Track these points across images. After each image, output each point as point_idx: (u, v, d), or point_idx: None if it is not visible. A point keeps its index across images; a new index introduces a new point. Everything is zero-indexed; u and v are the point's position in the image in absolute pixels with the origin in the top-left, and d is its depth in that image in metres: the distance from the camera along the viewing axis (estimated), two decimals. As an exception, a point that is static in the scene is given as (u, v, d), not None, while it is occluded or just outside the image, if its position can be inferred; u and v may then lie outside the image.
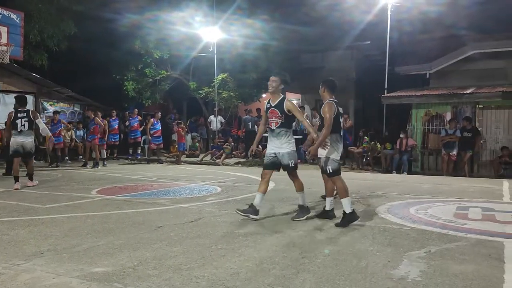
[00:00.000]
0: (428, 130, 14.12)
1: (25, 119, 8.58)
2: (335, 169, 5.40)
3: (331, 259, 3.84)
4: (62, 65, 17.79)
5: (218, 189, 8.47)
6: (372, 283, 3.23)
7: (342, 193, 5.34)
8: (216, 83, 17.53)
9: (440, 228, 5.02)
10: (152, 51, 17.43)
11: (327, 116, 5.44)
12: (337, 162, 5.47)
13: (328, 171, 5.43)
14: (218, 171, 12.69)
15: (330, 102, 5.59)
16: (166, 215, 5.82)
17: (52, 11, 15.68)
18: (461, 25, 15.47)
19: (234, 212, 6.05)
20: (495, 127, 13.32)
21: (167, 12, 16.70)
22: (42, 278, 3.36)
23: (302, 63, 20.21)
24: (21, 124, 8.54)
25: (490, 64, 14.46)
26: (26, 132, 8.62)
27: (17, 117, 8.59)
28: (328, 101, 5.64)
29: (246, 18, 16.96)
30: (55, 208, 6.36)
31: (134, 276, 3.38)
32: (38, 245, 4.31)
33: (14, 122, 8.57)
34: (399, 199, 7.19)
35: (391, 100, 14.64)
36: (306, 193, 7.41)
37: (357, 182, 9.94)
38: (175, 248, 4.18)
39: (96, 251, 4.09)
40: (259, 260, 3.78)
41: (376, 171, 13.76)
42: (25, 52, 14.75)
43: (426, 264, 3.67)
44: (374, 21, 16.42)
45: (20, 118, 8.56)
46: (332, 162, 5.41)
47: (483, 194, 8.07)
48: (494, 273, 3.48)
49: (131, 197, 7.48)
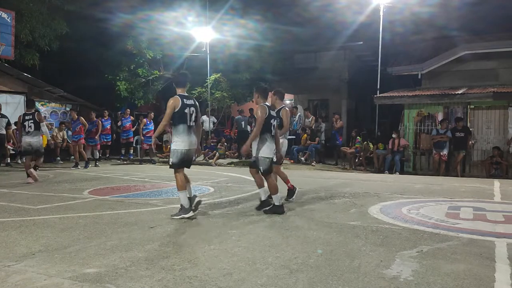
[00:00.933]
0: (420, 131, 14.20)
1: (31, 121, 9.46)
2: (266, 168, 5.94)
3: (324, 259, 3.85)
4: (53, 65, 17.70)
5: (211, 189, 8.45)
6: (365, 283, 3.25)
7: (273, 190, 5.95)
8: (209, 83, 17.51)
9: (432, 228, 5.05)
10: (144, 51, 17.37)
11: (259, 117, 5.97)
12: (267, 161, 5.95)
13: (260, 170, 5.96)
14: (211, 171, 12.68)
15: (263, 105, 6.07)
16: (159, 216, 5.80)
17: (44, 11, 15.58)
18: (453, 26, 15.60)
19: (227, 212, 6.05)
20: (486, 128, 13.43)
21: (159, 12, 16.65)
22: (34, 279, 3.34)
23: (295, 64, 20.25)
24: (28, 126, 9.45)
25: (481, 65, 14.60)
26: (33, 132, 9.47)
27: (24, 119, 9.56)
28: (261, 104, 6.12)
29: (239, 18, 16.97)
30: (46, 209, 6.32)
31: (126, 277, 3.37)
32: (30, 246, 4.28)
33: (23, 124, 9.54)
34: (391, 199, 7.22)
35: (383, 101, 14.72)
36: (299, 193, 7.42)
37: (350, 182, 9.98)
38: (168, 249, 4.17)
39: (88, 252, 4.06)
40: (252, 261, 3.78)
41: (369, 171, 13.82)
42: (16, 51, 14.65)
43: (418, 264, 3.69)
44: (366, 22, 16.49)
45: (27, 120, 9.48)
46: (263, 161, 5.92)
47: (474, 194, 8.13)
48: (485, 272, 3.50)
49: (123, 197, 7.44)
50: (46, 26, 15.70)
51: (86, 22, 16.57)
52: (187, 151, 5.66)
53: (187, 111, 5.59)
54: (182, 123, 5.58)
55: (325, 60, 19.67)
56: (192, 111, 5.65)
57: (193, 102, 5.75)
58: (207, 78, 17.52)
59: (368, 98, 15.99)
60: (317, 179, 10.77)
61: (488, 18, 15.30)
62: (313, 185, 9.26)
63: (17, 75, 16.08)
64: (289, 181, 7.10)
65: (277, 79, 19.09)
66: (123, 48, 17.11)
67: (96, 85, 17.63)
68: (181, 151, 5.60)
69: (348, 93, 19.97)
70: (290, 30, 17.54)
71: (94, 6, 16.22)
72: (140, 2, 16.79)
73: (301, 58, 20.36)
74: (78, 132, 13.64)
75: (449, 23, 15.88)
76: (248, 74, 17.49)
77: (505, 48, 13.97)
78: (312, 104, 20.93)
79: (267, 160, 5.93)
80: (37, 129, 9.52)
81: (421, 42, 17.14)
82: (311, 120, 16.24)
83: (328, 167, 14.71)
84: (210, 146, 16.56)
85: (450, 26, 15.75)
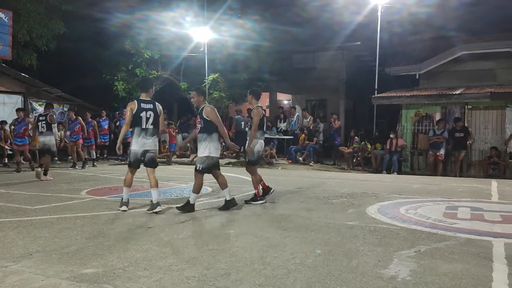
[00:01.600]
0: (417, 131, 14.22)
1: (44, 122, 10.39)
2: (203, 168, 6.13)
3: (322, 259, 3.85)
4: (51, 65, 17.64)
5: (209, 189, 8.45)
6: (363, 283, 3.25)
7: (197, 189, 6.15)
8: (207, 83, 17.47)
9: (429, 228, 5.06)
10: (142, 51, 17.32)
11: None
12: (213, 160, 6.19)
13: (197, 168, 6.14)
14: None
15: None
16: (157, 216, 5.79)
17: (41, 11, 15.53)
18: (451, 26, 15.63)
19: (225, 213, 6.05)
20: (484, 128, 13.46)
21: (157, 12, 16.61)
22: (31, 280, 3.33)
23: (293, 64, 20.24)
24: (41, 126, 10.39)
25: (479, 65, 14.63)
26: (45, 132, 10.37)
27: (39, 119, 10.52)
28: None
29: (237, 19, 16.95)
30: (44, 209, 6.30)
31: (124, 277, 3.36)
32: (27, 246, 4.27)
33: (37, 124, 10.50)
34: (389, 199, 7.23)
35: (381, 101, 14.73)
36: (297, 193, 7.43)
37: (348, 182, 9.99)
38: (166, 249, 4.16)
39: (86, 252, 4.05)
40: (250, 261, 3.78)
41: (367, 171, 13.84)
42: (14, 51, 14.61)
43: (416, 263, 3.70)
44: (364, 22, 16.52)
45: (41, 121, 10.44)
46: (208, 159, 6.13)
47: (472, 194, 8.15)
48: (483, 272, 3.51)
49: (121, 197, 7.42)
50: (44, 26, 15.65)
51: (83, 22, 16.53)
52: (137, 152, 6.16)
53: (143, 115, 6.06)
54: (136, 126, 6.08)
55: (323, 60, 19.68)
56: (149, 114, 6.10)
57: (151, 106, 6.17)
58: (205, 78, 17.49)
59: (366, 98, 16.01)
60: (315, 179, 10.77)
61: (486, 19, 15.34)
62: (311, 185, 9.27)
63: (14, 75, 16.03)
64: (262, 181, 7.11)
65: (275, 79, 19.09)
66: (121, 48, 17.06)
67: (94, 85, 17.58)
68: (133, 151, 6.19)
69: (346, 93, 19.98)
70: (288, 30, 17.53)
71: (92, 6, 16.17)
72: (138, 2, 16.74)
73: (299, 58, 20.36)
74: (77, 132, 13.64)
75: (447, 24, 15.91)
76: (246, 74, 17.47)
77: (503, 49, 14.01)
78: (310, 104, 20.94)
79: (211, 161, 6.18)
80: (49, 129, 10.41)
81: (419, 42, 17.17)
82: (309, 120, 16.24)
83: (326, 167, 14.72)
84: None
85: (447, 26, 15.79)
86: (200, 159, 6.17)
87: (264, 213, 6.07)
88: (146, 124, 6.05)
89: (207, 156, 6.14)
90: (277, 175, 11.63)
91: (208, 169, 6.20)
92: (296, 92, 21.49)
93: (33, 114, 16.60)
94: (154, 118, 6.12)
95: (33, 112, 16.67)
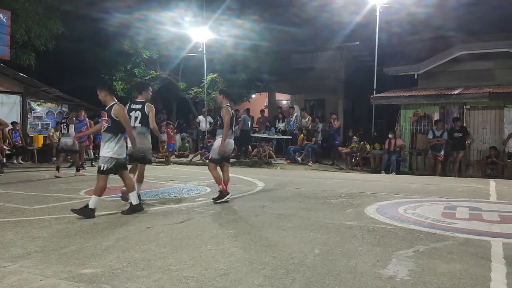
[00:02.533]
0: (416, 131, 14.24)
1: (65, 124, 11.33)
2: (108, 168, 5.81)
3: (321, 259, 3.85)
4: (49, 65, 17.60)
5: (207, 189, 8.45)
6: (362, 283, 3.25)
7: (98, 192, 5.77)
8: (205, 83, 17.48)
9: (428, 228, 5.06)
10: (141, 51, 17.32)
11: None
12: (118, 161, 5.84)
13: (102, 168, 5.81)
14: (208, 171, 12.62)
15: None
16: (155, 216, 5.79)
17: (39, 10, 15.49)
18: (449, 26, 15.64)
19: (224, 213, 6.05)
20: (482, 128, 13.48)
21: (156, 11, 16.61)
22: (30, 280, 3.32)
23: (292, 64, 20.25)
24: (63, 128, 11.36)
25: (477, 65, 14.65)
26: (66, 134, 11.19)
27: (62, 122, 11.62)
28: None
29: (236, 19, 16.94)
30: (42, 209, 6.29)
31: (123, 277, 3.36)
32: (25, 246, 4.26)
33: (60, 126, 11.68)
34: (388, 199, 7.23)
35: (380, 101, 14.74)
36: (296, 193, 7.42)
37: (347, 182, 10.00)
38: (164, 249, 4.16)
39: (85, 252, 4.05)
40: (249, 261, 3.78)
41: (365, 171, 13.85)
42: (12, 51, 14.57)
43: (415, 263, 3.70)
44: (363, 22, 16.52)
45: (63, 123, 11.41)
46: (113, 160, 5.80)
47: (470, 193, 8.16)
48: (481, 271, 3.51)
49: (120, 197, 7.41)
50: (42, 26, 15.61)
51: (82, 22, 16.50)
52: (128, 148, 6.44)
53: (132, 114, 6.53)
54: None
55: (322, 60, 19.69)
56: (137, 114, 6.54)
57: (140, 107, 6.61)
58: (203, 78, 17.50)
59: (365, 98, 16.01)
60: (313, 179, 10.78)
61: (484, 19, 15.35)
62: (309, 185, 9.27)
63: (13, 75, 16.01)
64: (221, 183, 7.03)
65: (274, 79, 19.10)
66: (120, 48, 17.05)
67: (93, 85, 17.44)
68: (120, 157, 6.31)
69: (344, 93, 20.00)
70: (287, 30, 17.53)
71: (91, 6, 16.15)
72: (137, 2, 16.73)
73: (298, 58, 20.37)
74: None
75: (446, 24, 15.92)
76: (245, 74, 17.48)
77: (501, 49, 14.03)
78: (309, 104, 20.94)
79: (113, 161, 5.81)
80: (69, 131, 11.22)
81: (417, 42, 17.18)
82: (307, 120, 16.25)
83: (325, 167, 14.73)
84: (206, 146, 16.53)
85: (446, 26, 15.80)
86: (104, 159, 5.80)
87: (262, 213, 6.07)
88: (135, 123, 6.51)
89: (111, 157, 5.77)
90: (276, 175, 11.65)
91: (115, 170, 5.87)
92: (295, 92, 21.50)
93: (32, 114, 16.62)
94: (142, 117, 6.56)
95: (31, 112, 16.66)
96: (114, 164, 5.81)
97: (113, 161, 5.80)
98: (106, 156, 5.80)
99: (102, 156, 5.86)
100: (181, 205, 6.67)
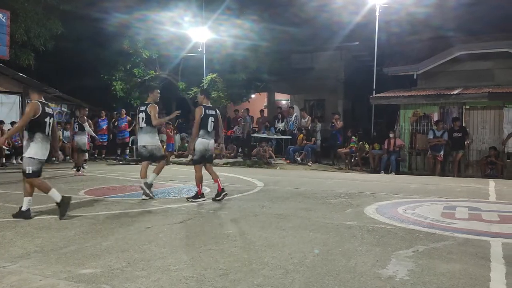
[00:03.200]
0: (415, 131, 14.24)
1: (76, 123, 11.95)
2: (35, 170, 5.54)
3: (320, 259, 3.85)
4: (49, 65, 17.60)
5: (207, 189, 8.44)
6: (361, 283, 3.25)
7: (30, 192, 5.63)
8: (205, 83, 17.48)
9: (427, 228, 5.06)
10: (140, 51, 17.32)
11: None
12: (39, 163, 5.59)
13: (27, 171, 5.52)
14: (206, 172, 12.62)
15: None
16: (155, 216, 5.79)
17: (39, 10, 15.51)
18: (449, 26, 15.65)
19: (223, 213, 6.05)
20: (482, 128, 13.48)
21: (156, 11, 16.61)
22: (29, 280, 3.32)
23: (292, 64, 20.26)
24: (75, 127, 12.09)
25: (477, 65, 14.66)
26: (78, 132, 11.77)
27: (74, 121, 12.38)
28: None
29: (235, 19, 16.95)
30: (42, 209, 6.29)
31: (122, 278, 3.36)
32: (25, 246, 4.26)
33: (73, 126, 12.41)
34: (387, 199, 7.23)
35: (379, 101, 14.74)
36: (296, 193, 7.42)
37: (346, 182, 10.00)
38: (164, 249, 4.16)
39: (84, 252, 4.05)
40: (248, 261, 3.78)
41: (365, 171, 13.84)
42: (12, 51, 14.59)
43: (414, 263, 3.70)
44: (362, 22, 16.53)
45: (75, 123, 12.08)
46: (33, 162, 5.52)
47: (469, 193, 8.16)
48: (481, 271, 3.52)
49: (119, 198, 7.43)
50: (42, 26, 15.63)
51: (82, 22, 16.50)
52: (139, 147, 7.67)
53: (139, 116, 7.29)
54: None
55: (322, 60, 19.70)
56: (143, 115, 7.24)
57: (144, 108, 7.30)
58: (203, 78, 17.49)
59: (364, 98, 16.01)
60: (313, 179, 10.78)
61: (484, 19, 15.36)
62: (309, 185, 9.27)
63: (12, 75, 15.99)
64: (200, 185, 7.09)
65: (274, 79, 19.10)
66: (119, 48, 17.05)
67: (92, 85, 17.56)
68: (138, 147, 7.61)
69: (344, 93, 20.00)
70: (287, 30, 17.54)
71: (90, 6, 16.15)
72: (136, 2, 16.74)
73: (298, 58, 20.38)
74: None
75: (445, 24, 15.93)
76: (244, 74, 17.48)
77: (501, 49, 14.04)
78: (309, 104, 20.94)
79: (39, 163, 5.59)
80: (81, 129, 11.65)
81: (417, 42, 17.19)
82: (307, 120, 16.25)
83: (325, 167, 14.73)
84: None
85: (446, 26, 15.81)
86: (28, 161, 5.51)
87: (262, 213, 6.07)
88: (141, 123, 7.24)
89: (33, 158, 5.51)
90: (275, 175, 11.64)
91: (39, 172, 5.61)
92: (295, 92, 21.50)
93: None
94: (146, 117, 7.21)
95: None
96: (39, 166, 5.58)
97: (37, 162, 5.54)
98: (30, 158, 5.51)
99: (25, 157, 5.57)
100: (180, 205, 6.66)
